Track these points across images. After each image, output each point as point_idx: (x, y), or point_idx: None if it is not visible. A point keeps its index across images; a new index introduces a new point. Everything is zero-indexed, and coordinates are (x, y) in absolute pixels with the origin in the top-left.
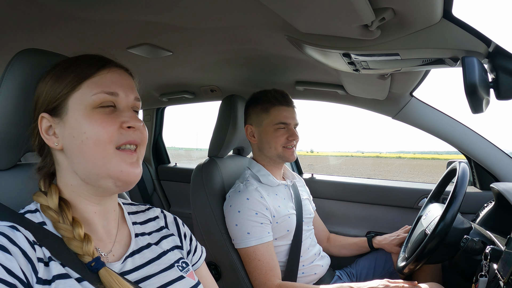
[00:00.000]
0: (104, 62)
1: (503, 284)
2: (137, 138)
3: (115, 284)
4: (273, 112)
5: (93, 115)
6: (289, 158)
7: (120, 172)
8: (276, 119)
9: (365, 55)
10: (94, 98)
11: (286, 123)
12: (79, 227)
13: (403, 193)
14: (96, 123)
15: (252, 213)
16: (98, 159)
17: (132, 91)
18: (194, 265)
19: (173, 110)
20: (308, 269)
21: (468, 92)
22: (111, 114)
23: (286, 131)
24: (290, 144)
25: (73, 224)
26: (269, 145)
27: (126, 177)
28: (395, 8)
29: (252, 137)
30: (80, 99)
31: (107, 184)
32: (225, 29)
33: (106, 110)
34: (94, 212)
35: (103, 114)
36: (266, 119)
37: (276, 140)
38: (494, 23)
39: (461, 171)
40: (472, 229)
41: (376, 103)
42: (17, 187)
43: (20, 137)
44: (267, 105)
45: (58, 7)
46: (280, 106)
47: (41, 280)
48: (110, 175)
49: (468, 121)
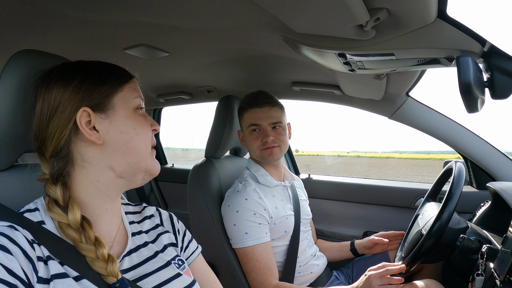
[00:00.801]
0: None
1: (500, 283)
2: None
3: None
4: (245, 116)
5: (136, 116)
6: (267, 158)
7: (153, 167)
8: (247, 122)
9: (360, 55)
10: (135, 101)
11: (257, 124)
12: (103, 248)
13: (400, 193)
14: (141, 123)
15: (250, 213)
16: (143, 154)
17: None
18: (188, 258)
19: (167, 110)
20: (304, 268)
21: (463, 92)
22: (146, 118)
23: (260, 132)
24: (265, 145)
25: (96, 244)
26: (249, 148)
27: (156, 171)
28: (390, 8)
29: (242, 141)
30: (124, 100)
31: (139, 177)
32: (221, 29)
33: (141, 113)
34: (106, 208)
35: (142, 116)
36: (243, 124)
37: (252, 143)
38: (489, 23)
39: (457, 170)
40: (469, 228)
41: (373, 103)
42: (14, 188)
43: (18, 137)
44: (241, 111)
45: (54, 8)
46: (250, 108)
47: (41, 279)
48: (147, 168)
49: (465, 121)
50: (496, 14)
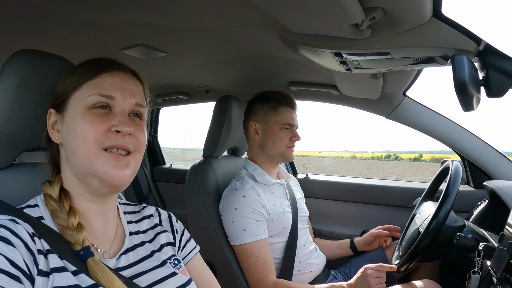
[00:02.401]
0: (109, 65)
1: (496, 280)
2: (128, 144)
3: (100, 274)
4: (282, 112)
5: (86, 115)
6: (290, 157)
7: (103, 173)
8: (284, 119)
9: (356, 54)
10: (89, 99)
11: (292, 124)
12: (73, 217)
13: (397, 192)
14: (86, 123)
15: (248, 210)
16: (84, 157)
17: (132, 96)
18: (186, 257)
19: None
20: (304, 266)
21: (458, 90)
22: (103, 116)
23: (290, 131)
24: (292, 144)
25: (69, 213)
26: (273, 143)
27: (109, 179)
28: (385, 8)
29: (256, 134)
30: (78, 99)
31: (94, 183)
32: (219, 30)
33: (98, 112)
34: (90, 209)
35: (95, 115)
36: (274, 117)
37: (281, 139)
38: (484, 22)
39: (454, 169)
40: (466, 226)
41: (370, 103)
42: (13, 187)
43: (16, 136)
44: (276, 104)
45: (53, 8)
46: (287, 107)
47: (41, 272)
48: (95, 174)
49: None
50: (491, 13)
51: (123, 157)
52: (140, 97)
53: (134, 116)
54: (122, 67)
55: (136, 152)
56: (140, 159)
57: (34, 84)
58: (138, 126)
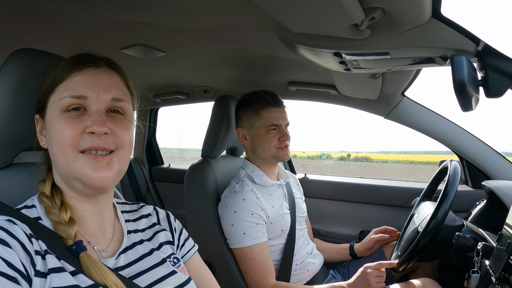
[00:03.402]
0: (80, 62)
1: (495, 280)
2: (106, 144)
3: (93, 269)
4: (264, 115)
5: (61, 119)
6: (283, 157)
7: (83, 176)
8: (267, 122)
9: (355, 54)
10: (61, 102)
11: (277, 125)
12: (64, 212)
13: (395, 192)
14: (61, 127)
15: (248, 213)
16: (63, 162)
17: (107, 91)
18: (184, 256)
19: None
20: (300, 267)
21: (457, 90)
22: (77, 118)
23: (277, 132)
24: (283, 144)
25: (60, 208)
26: (262, 147)
27: (89, 181)
28: (385, 8)
29: (245, 139)
30: (54, 102)
31: (77, 186)
32: (218, 29)
33: (72, 114)
34: (84, 209)
35: (69, 118)
36: (257, 121)
37: (269, 141)
38: (483, 22)
39: (452, 169)
40: (464, 226)
41: (368, 103)
42: (11, 187)
43: (15, 136)
44: (257, 107)
45: (52, 8)
46: (270, 107)
47: (39, 272)
48: (75, 177)
49: (460, 120)
50: (490, 13)
51: (102, 158)
52: (117, 91)
53: (113, 112)
54: (93, 62)
55: (119, 150)
56: (126, 157)
57: (32, 83)
58: (117, 122)
